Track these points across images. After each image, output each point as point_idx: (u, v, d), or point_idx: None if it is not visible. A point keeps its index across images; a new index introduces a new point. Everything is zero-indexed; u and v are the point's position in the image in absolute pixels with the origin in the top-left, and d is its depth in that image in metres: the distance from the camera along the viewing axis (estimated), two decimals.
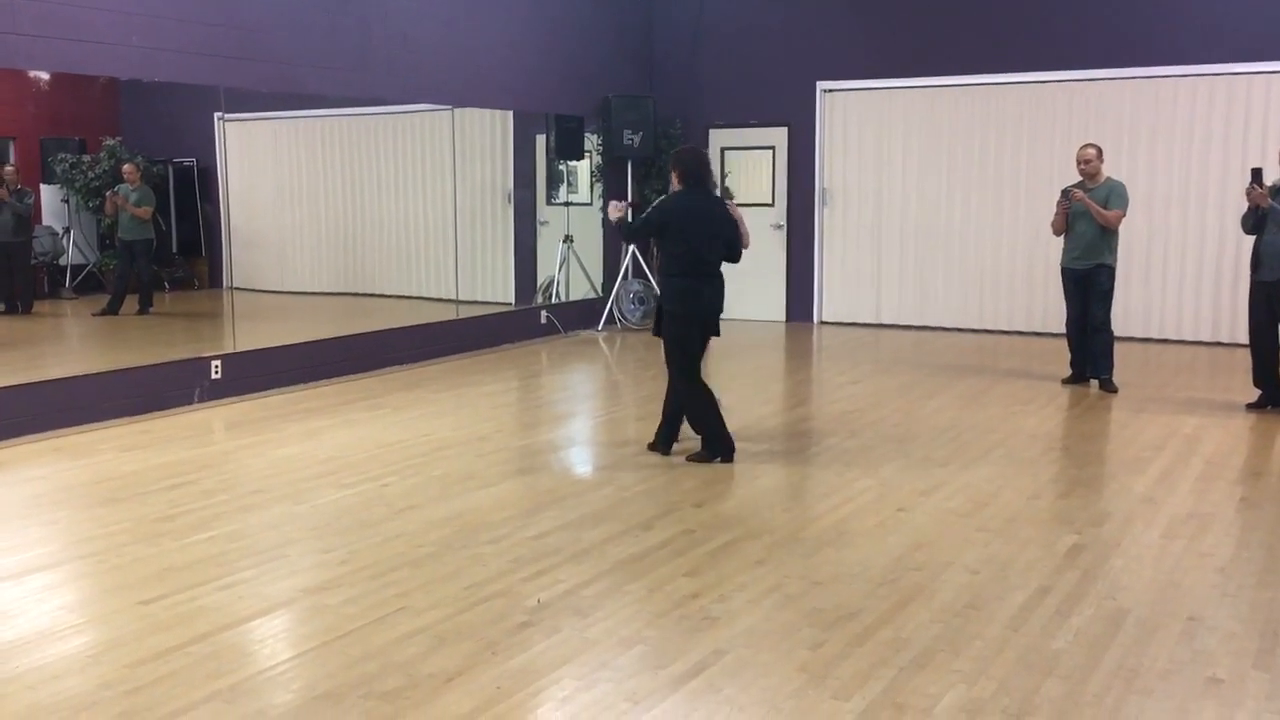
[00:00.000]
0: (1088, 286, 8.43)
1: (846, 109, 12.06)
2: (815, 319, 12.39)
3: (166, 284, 9.11)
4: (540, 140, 11.69)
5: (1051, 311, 10.63)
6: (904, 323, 12.01)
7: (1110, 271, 8.41)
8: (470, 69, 10.41)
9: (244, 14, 8.35)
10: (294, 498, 5.78)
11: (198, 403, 8.12)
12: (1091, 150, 8.41)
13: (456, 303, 10.66)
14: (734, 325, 6.91)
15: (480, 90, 10.59)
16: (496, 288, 11.48)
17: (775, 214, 12.40)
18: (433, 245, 10.69)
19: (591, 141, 11.97)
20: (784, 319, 12.50)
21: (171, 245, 9.00)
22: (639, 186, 12.24)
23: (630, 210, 6.78)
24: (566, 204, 12.09)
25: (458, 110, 10.50)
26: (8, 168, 8.00)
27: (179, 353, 8.29)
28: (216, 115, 8.46)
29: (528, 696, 3.58)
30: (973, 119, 11.49)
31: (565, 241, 11.93)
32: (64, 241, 8.42)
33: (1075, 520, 5.39)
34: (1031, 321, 11.36)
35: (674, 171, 6.37)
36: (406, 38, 9.70)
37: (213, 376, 8.26)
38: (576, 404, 8.75)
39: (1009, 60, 11.20)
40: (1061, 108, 11.06)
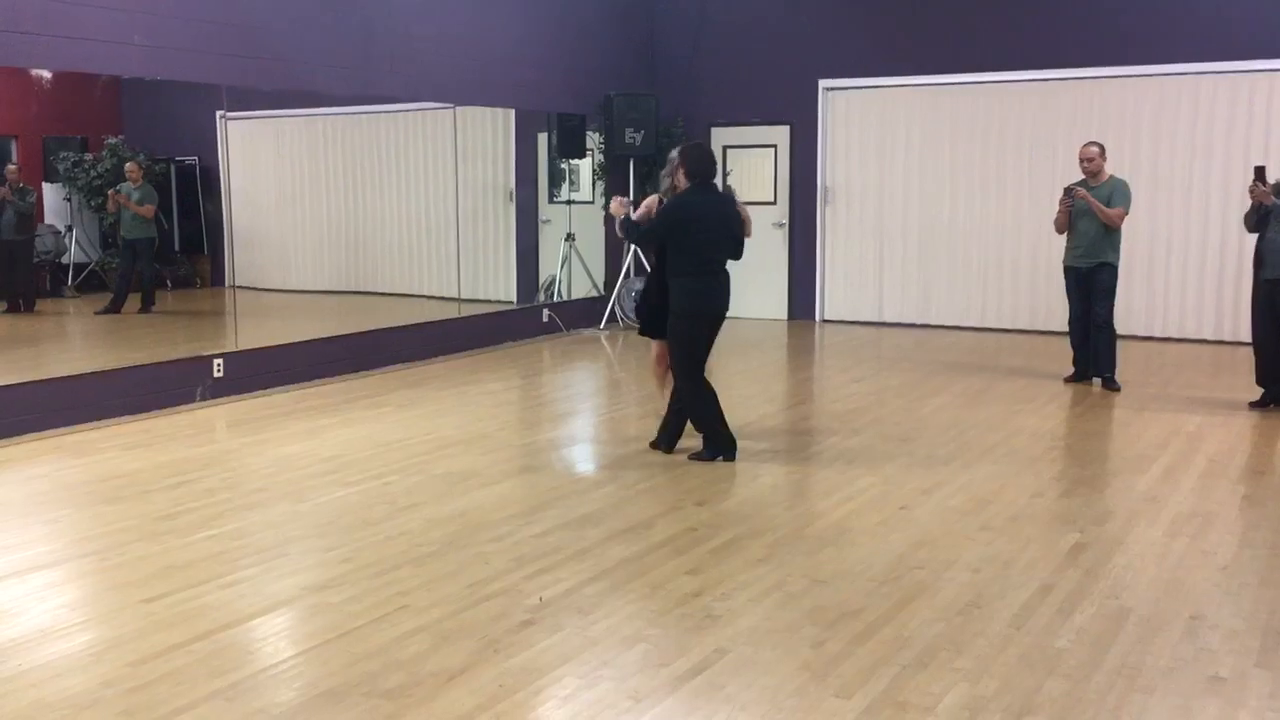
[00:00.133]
0: (1090, 285, 8.42)
1: (849, 107, 12.05)
2: (817, 317, 12.39)
3: (169, 282, 9.12)
4: (542, 138, 11.70)
5: (1054, 310, 10.62)
6: (906, 321, 12.01)
7: (1113, 270, 8.41)
8: (472, 67, 10.42)
9: (246, 12, 8.35)
10: (296, 496, 5.79)
11: (200, 401, 8.13)
12: (1094, 148, 8.41)
13: (459, 301, 10.67)
14: (736, 324, 6.91)
15: (482, 88, 10.59)
16: (498, 286, 11.48)
17: (777, 212, 12.40)
18: (435, 243, 10.69)
19: (593, 140, 11.97)
20: (786, 317, 12.50)
21: (174, 244, 9.01)
22: (641, 185, 12.24)
23: (632, 208, 6.73)
24: (568, 202, 12.09)
25: (460, 108, 10.50)
26: (10, 166, 8.01)
27: (181, 351, 8.30)
28: (219, 113, 8.47)
29: (530, 695, 3.58)
30: (975, 117, 11.48)
31: (567, 240, 11.93)
32: (66, 240, 8.43)
33: (1078, 519, 5.39)
34: (1034, 320, 11.35)
35: (681, 168, 6.30)
36: (409, 36, 9.70)
37: (215, 375, 8.27)
38: (578, 402, 8.75)
39: (1011, 58, 11.19)
40: (1064, 105, 11.05)
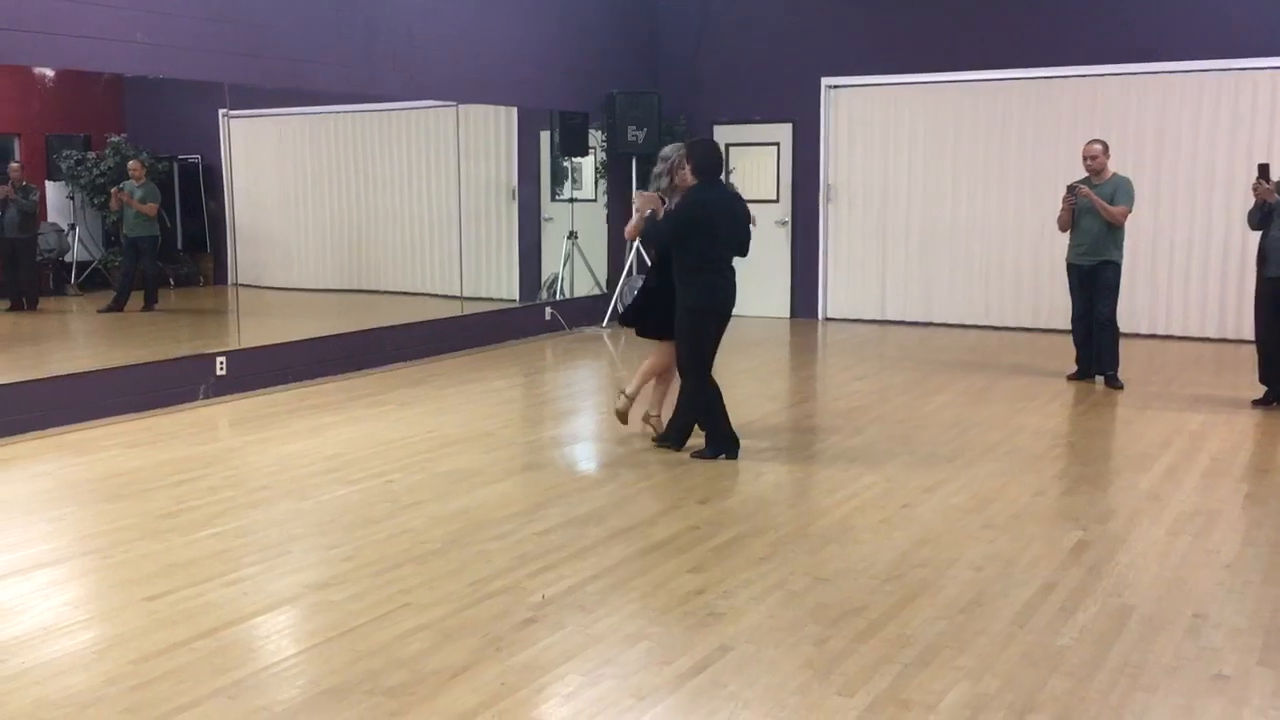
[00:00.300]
0: (1093, 282, 8.42)
1: (851, 105, 12.05)
2: (820, 315, 12.38)
3: (171, 281, 9.12)
4: (544, 136, 11.69)
5: (1057, 308, 10.61)
6: (909, 319, 12.00)
7: (1116, 267, 8.40)
8: (475, 65, 10.41)
9: (249, 10, 8.35)
10: (299, 494, 5.79)
11: (203, 399, 8.13)
12: (1097, 146, 8.40)
13: (461, 299, 10.67)
14: (738, 322, 6.90)
15: (485, 87, 10.59)
16: (501, 284, 11.49)
17: (780, 210, 12.39)
18: (437, 241, 10.69)
19: (596, 138, 11.97)
20: (788, 315, 12.49)
21: (176, 242, 9.01)
22: (643, 183, 12.23)
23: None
24: (571, 200, 12.09)
25: (462, 106, 10.50)
26: (13, 164, 8.01)
27: (184, 349, 8.30)
28: (221, 112, 8.47)
29: (532, 692, 3.58)
30: (978, 115, 11.47)
31: (569, 238, 11.93)
32: (69, 238, 8.43)
33: (1080, 517, 5.39)
34: (1037, 318, 11.34)
35: (688, 164, 6.26)
36: (411, 34, 9.70)
37: (218, 373, 8.27)
38: (580, 400, 8.75)
39: (1014, 56, 11.17)
40: (1067, 103, 11.04)
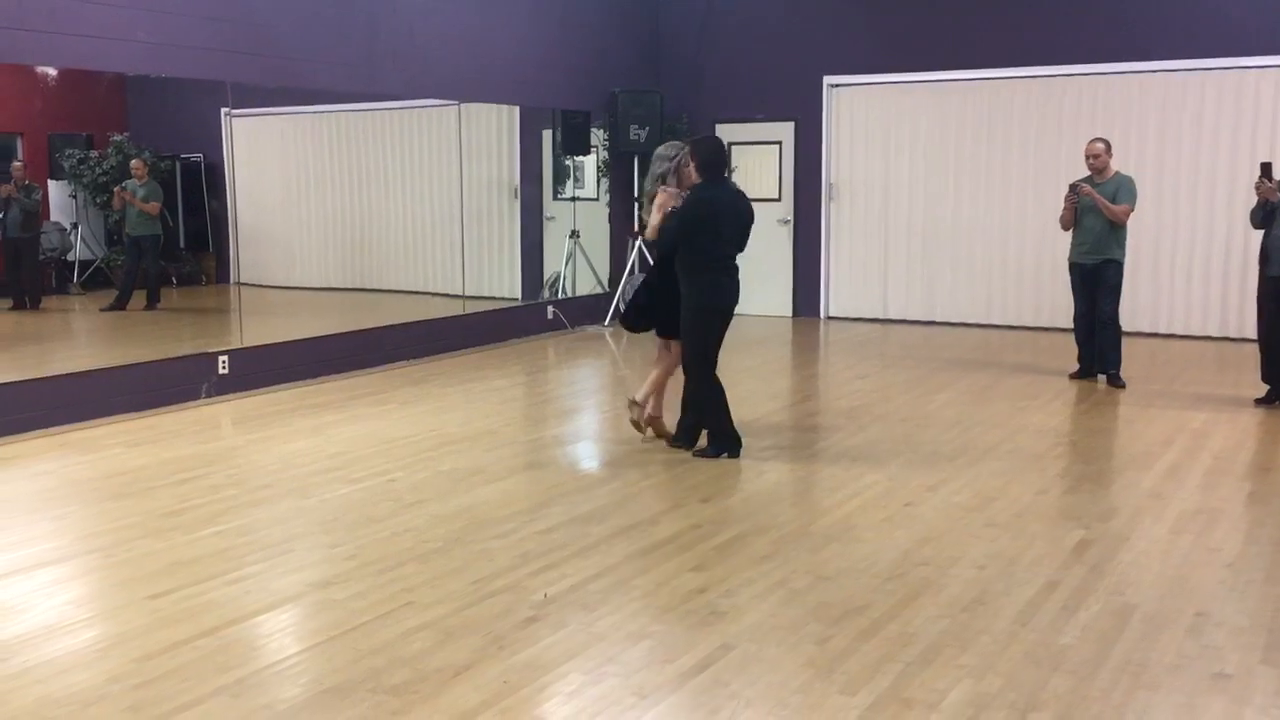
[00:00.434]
0: (1096, 281, 8.41)
1: (853, 103, 12.04)
2: (822, 314, 12.38)
3: (174, 279, 9.13)
4: (547, 135, 11.69)
5: (1059, 306, 10.59)
6: (911, 318, 11.99)
7: (1118, 266, 8.39)
8: (477, 64, 10.41)
9: (251, 9, 8.35)
10: (301, 493, 5.80)
11: (205, 398, 8.14)
12: (1100, 144, 8.39)
13: (463, 298, 10.67)
14: (740, 320, 6.90)
15: (487, 85, 10.59)
16: (503, 283, 11.49)
17: (782, 209, 12.39)
18: (439, 240, 10.69)
19: (598, 136, 11.96)
20: (790, 314, 12.49)
21: (179, 241, 9.01)
22: (644, 182, 12.23)
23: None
24: (573, 199, 12.09)
25: (464, 105, 10.50)
26: (15, 163, 8.01)
27: (186, 348, 8.31)
28: (224, 111, 8.47)
29: (535, 691, 3.58)
30: (980, 113, 11.46)
31: (572, 237, 11.93)
32: (72, 237, 8.43)
33: (1083, 515, 5.39)
34: (1039, 317, 11.33)
35: (692, 162, 6.26)
36: (413, 33, 9.70)
37: (220, 372, 8.27)
38: (583, 399, 8.75)
39: (1017, 54, 11.16)
40: (1069, 102, 11.03)
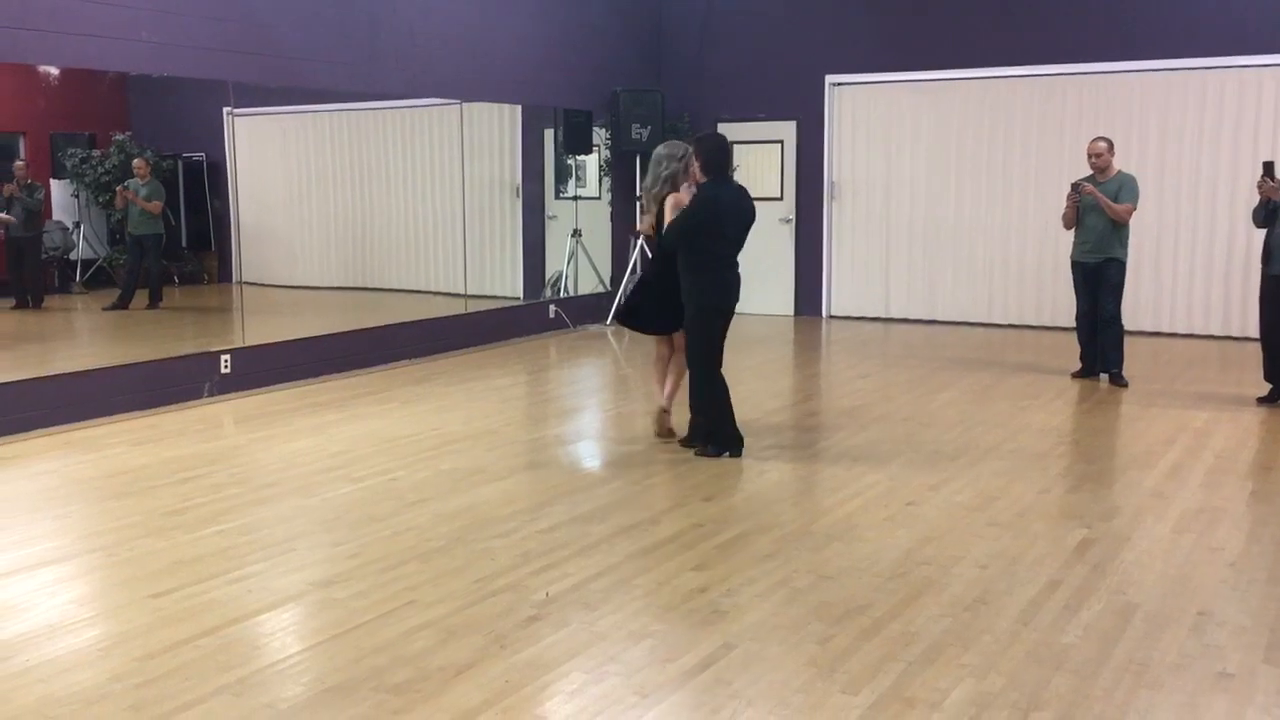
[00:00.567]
0: (1098, 280, 8.41)
1: (855, 102, 12.04)
2: (823, 313, 12.38)
3: (176, 279, 9.13)
4: (548, 134, 11.69)
5: (1061, 305, 10.60)
6: (913, 317, 11.99)
7: (1121, 265, 8.39)
8: (478, 63, 10.41)
9: (253, 9, 8.35)
10: (304, 492, 5.80)
11: (207, 397, 8.14)
12: (1102, 143, 8.39)
13: (465, 297, 10.67)
14: (742, 319, 6.90)
15: (488, 85, 10.59)
16: (505, 282, 11.49)
17: (784, 208, 12.39)
18: (441, 240, 10.69)
19: (600, 135, 11.96)
20: (792, 313, 12.49)
21: (181, 240, 9.01)
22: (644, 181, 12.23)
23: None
24: (575, 198, 12.09)
25: (466, 105, 10.50)
26: (18, 163, 8.02)
27: (189, 347, 8.31)
28: (225, 110, 8.47)
29: (536, 689, 3.58)
30: (982, 112, 11.46)
31: (573, 236, 11.93)
32: (74, 236, 8.44)
33: (1085, 515, 5.38)
34: (1041, 316, 11.33)
35: (696, 160, 6.27)
36: (415, 32, 9.70)
37: (222, 371, 8.28)
38: (584, 398, 8.75)
39: (1019, 53, 11.16)
40: (1071, 101, 11.03)
